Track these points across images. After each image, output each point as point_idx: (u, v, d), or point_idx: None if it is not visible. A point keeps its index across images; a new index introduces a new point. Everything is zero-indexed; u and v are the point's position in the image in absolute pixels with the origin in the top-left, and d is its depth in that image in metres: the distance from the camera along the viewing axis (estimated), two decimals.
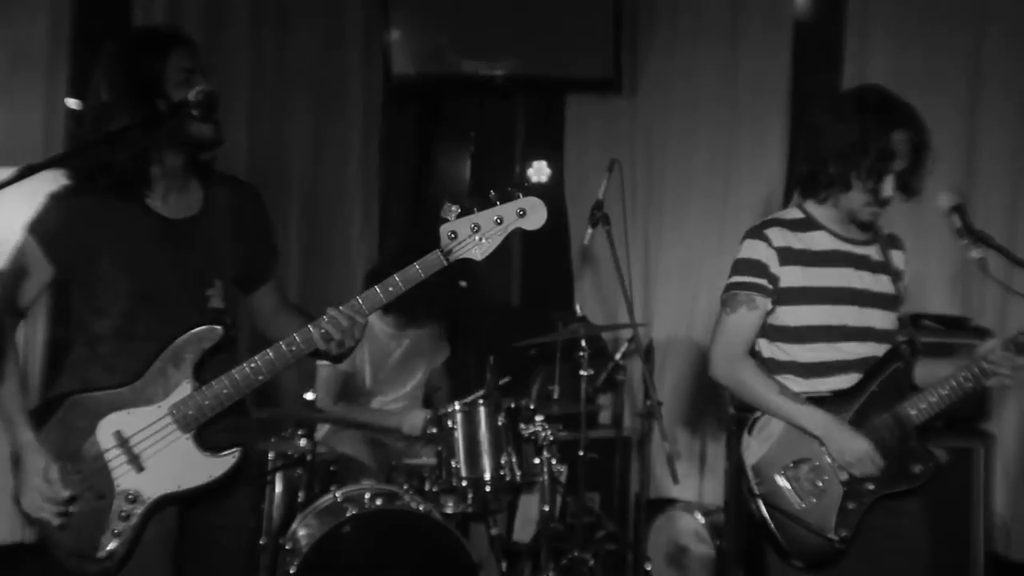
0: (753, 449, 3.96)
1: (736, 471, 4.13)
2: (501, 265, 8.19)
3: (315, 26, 7.54)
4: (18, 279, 3.47)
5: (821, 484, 3.89)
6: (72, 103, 6.42)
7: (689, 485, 7.14)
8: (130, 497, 3.38)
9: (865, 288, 4.02)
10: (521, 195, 3.42)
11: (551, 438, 5.81)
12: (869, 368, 3.99)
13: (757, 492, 3.91)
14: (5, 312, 3.48)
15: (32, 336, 6.12)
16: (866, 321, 4.00)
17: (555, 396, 6.61)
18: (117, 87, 3.43)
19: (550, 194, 7.42)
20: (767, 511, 3.89)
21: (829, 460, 3.89)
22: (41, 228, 3.46)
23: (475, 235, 3.39)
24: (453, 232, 3.39)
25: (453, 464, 5.57)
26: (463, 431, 5.60)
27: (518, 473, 5.65)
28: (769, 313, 4.02)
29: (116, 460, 3.39)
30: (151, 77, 3.41)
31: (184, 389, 3.41)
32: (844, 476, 3.88)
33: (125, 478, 3.39)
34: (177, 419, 3.39)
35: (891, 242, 4.15)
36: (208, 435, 3.44)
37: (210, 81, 3.48)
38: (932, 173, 3.95)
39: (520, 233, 3.44)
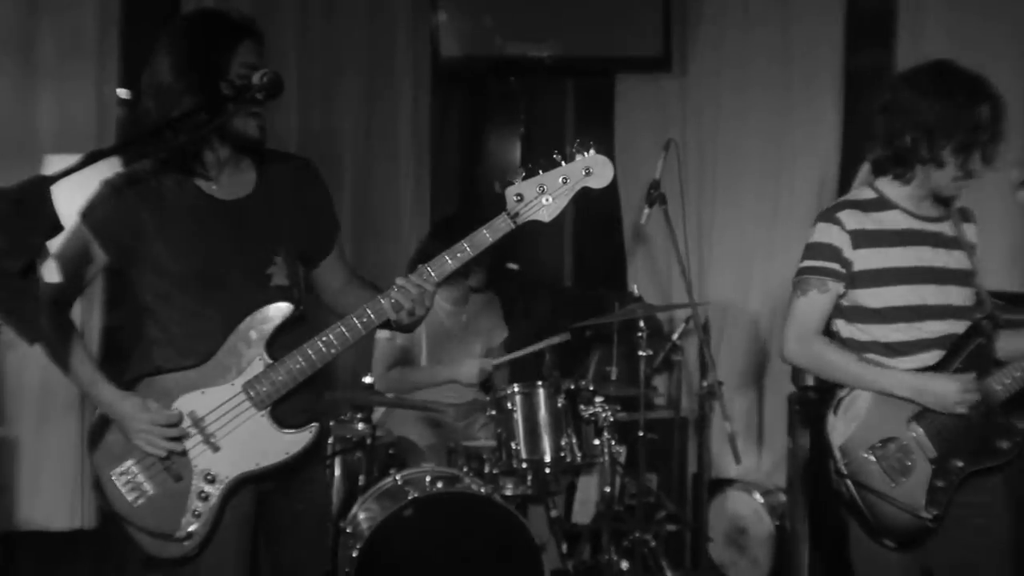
0: (840, 429, 3.91)
1: (818, 453, 4.07)
2: (553, 246, 8.18)
3: (362, 9, 7.49)
4: (70, 264, 3.45)
5: (910, 463, 3.84)
6: (123, 93, 6.41)
7: (748, 465, 7.06)
8: (208, 477, 3.37)
9: (942, 265, 3.96)
10: (587, 153, 3.40)
11: (610, 419, 5.79)
12: (951, 345, 3.93)
13: (845, 472, 3.87)
14: (58, 296, 3.45)
15: (88, 324, 6.12)
16: (945, 298, 3.95)
17: (612, 377, 6.57)
18: (181, 70, 3.38)
19: None
20: (856, 491, 3.85)
21: (916, 436, 3.85)
22: (93, 215, 3.44)
23: (541, 196, 3.37)
24: (519, 195, 3.37)
25: (513, 446, 5.56)
26: (522, 413, 5.60)
27: (578, 455, 5.65)
28: (842, 296, 3.99)
29: (193, 440, 3.38)
30: (216, 66, 3.37)
31: (257, 366, 3.39)
32: (932, 454, 3.84)
33: (202, 458, 3.38)
34: (251, 396, 3.38)
35: (963, 215, 4.11)
36: (283, 412, 3.42)
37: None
38: (1008, 143, 3.92)
39: (572, 214, 3.41)
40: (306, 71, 7.25)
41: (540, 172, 3.38)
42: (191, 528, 3.36)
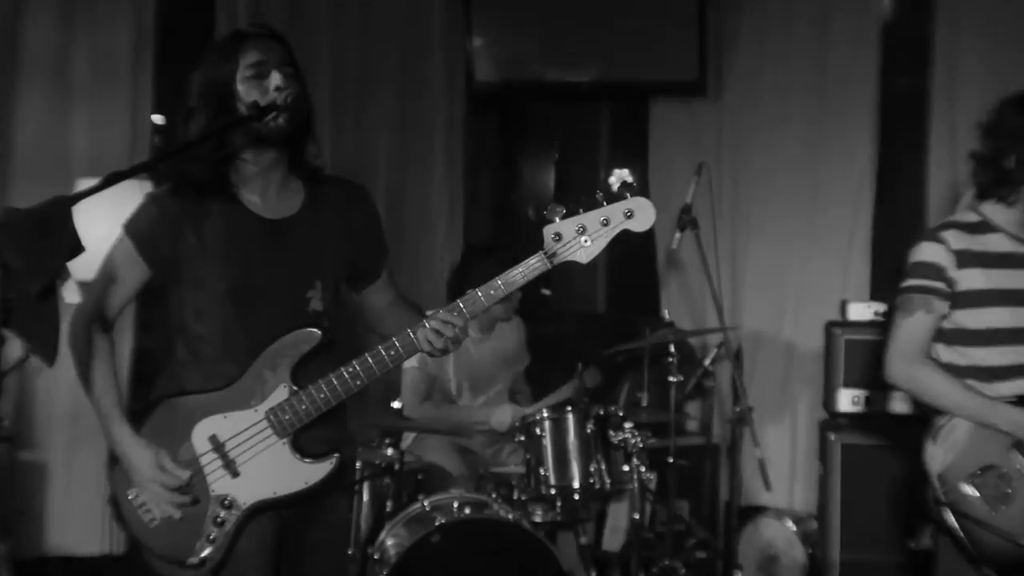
0: (939, 458, 3.90)
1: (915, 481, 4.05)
2: (586, 271, 8.00)
3: (397, 34, 7.50)
4: (111, 281, 3.46)
5: (1010, 490, 3.82)
6: (157, 119, 6.44)
7: (780, 492, 7.04)
8: (225, 503, 3.35)
9: None
10: (629, 195, 3.34)
11: (640, 445, 5.75)
12: None
13: (944, 501, 3.86)
14: (96, 315, 3.46)
15: (119, 346, 6.13)
16: None
17: (643, 403, 6.54)
18: (198, 93, 3.42)
19: None
20: (956, 519, 3.83)
21: (1018, 466, 3.81)
22: (136, 227, 3.45)
23: (580, 237, 3.30)
24: (558, 234, 3.30)
25: (542, 472, 5.52)
26: (552, 438, 5.54)
27: (607, 481, 5.60)
28: (945, 317, 3.98)
29: (211, 465, 3.37)
30: (224, 79, 3.39)
31: (281, 393, 3.37)
32: None
33: (220, 483, 3.36)
34: (273, 424, 3.36)
35: None
36: (305, 441, 3.40)
37: (295, 75, 3.46)
38: None
39: (625, 235, 3.37)
40: (340, 94, 7.27)
41: (581, 211, 3.31)
42: (204, 553, 3.34)
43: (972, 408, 3.88)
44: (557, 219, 3.31)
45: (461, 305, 3.35)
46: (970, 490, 3.83)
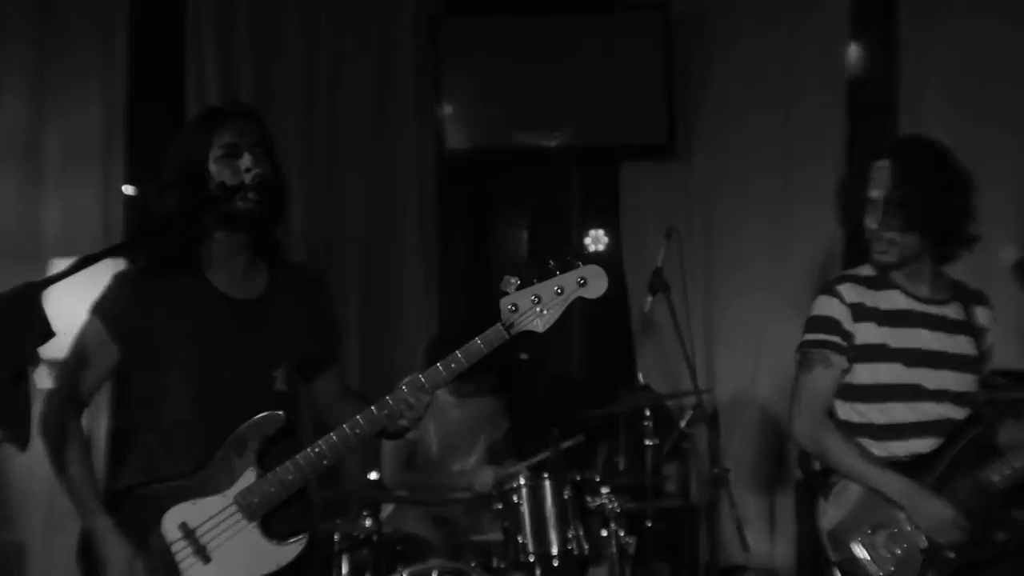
0: (829, 515, 3.91)
1: (810, 536, 4.06)
2: (561, 334, 8.01)
3: (367, 105, 7.53)
4: (81, 364, 3.46)
5: (900, 552, 3.82)
6: (129, 190, 6.46)
7: (760, 550, 7.04)
8: None
9: (941, 349, 3.97)
10: (581, 264, 3.39)
11: (618, 510, 5.76)
12: (950, 432, 3.92)
13: (833, 560, 3.86)
14: (69, 399, 3.46)
15: (95, 427, 6.13)
16: (941, 383, 3.95)
17: (621, 467, 6.55)
18: (170, 171, 3.46)
19: (608, 262, 7.34)
20: None
21: (908, 527, 3.82)
22: (105, 308, 3.47)
23: (536, 307, 3.35)
24: (514, 305, 3.35)
25: (520, 539, 5.52)
26: (529, 505, 5.56)
27: (586, 546, 5.60)
28: (846, 371, 3.99)
29: (183, 552, 3.36)
30: (196, 158, 3.43)
31: (248, 477, 3.37)
32: (923, 544, 3.81)
33: (193, 570, 3.36)
34: (243, 507, 3.36)
35: (976, 299, 4.12)
36: (273, 522, 3.40)
37: (268, 155, 3.50)
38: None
39: (580, 303, 3.41)
40: (311, 163, 7.29)
41: (535, 282, 3.36)
42: None
43: (868, 475, 3.87)
44: (512, 290, 3.36)
45: (422, 380, 3.39)
46: (860, 550, 3.84)
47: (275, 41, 7.21)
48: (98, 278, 3.54)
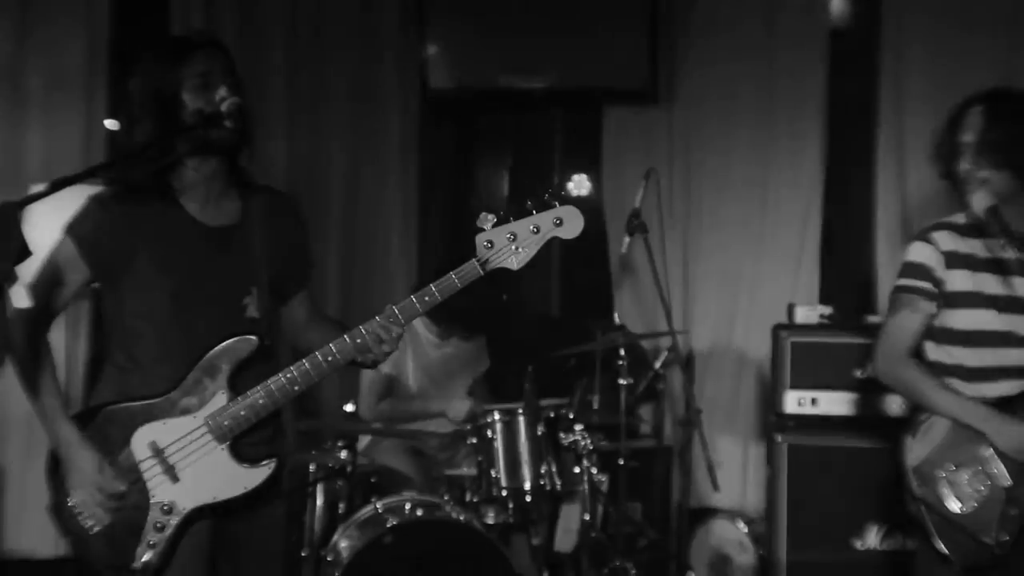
0: (915, 452, 3.98)
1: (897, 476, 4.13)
2: (541, 276, 8.15)
3: (351, 42, 7.54)
4: (52, 282, 3.48)
5: (983, 489, 3.88)
6: (110, 124, 6.47)
7: (731, 494, 7.11)
8: (165, 508, 3.39)
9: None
10: (558, 204, 3.43)
11: (590, 447, 5.81)
12: None
13: (918, 495, 3.93)
14: (38, 315, 3.48)
15: (74, 351, 6.17)
16: None
17: (595, 406, 6.60)
18: (141, 100, 3.47)
19: (589, 205, 7.40)
20: (927, 513, 3.92)
21: (993, 468, 3.89)
22: (78, 229, 3.48)
23: (511, 244, 3.39)
24: (489, 242, 3.39)
25: (493, 474, 5.58)
26: (503, 441, 5.61)
27: (558, 482, 5.65)
28: (934, 316, 4.06)
29: (151, 471, 3.40)
30: (169, 87, 3.43)
31: (219, 400, 3.42)
32: (1007, 482, 3.87)
33: (160, 489, 3.40)
34: (212, 430, 3.41)
35: None
36: (244, 446, 3.45)
37: (238, 84, 3.51)
38: None
39: (559, 244, 3.45)
40: (295, 102, 7.31)
41: (511, 219, 3.40)
42: (145, 558, 3.37)
43: (951, 407, 3.95)
44: (488, 227, 3.40)
45: (396, 311, 3.43)
46: (944, 486, 3.91)
47: None
48: (74, 202, 3.56)
